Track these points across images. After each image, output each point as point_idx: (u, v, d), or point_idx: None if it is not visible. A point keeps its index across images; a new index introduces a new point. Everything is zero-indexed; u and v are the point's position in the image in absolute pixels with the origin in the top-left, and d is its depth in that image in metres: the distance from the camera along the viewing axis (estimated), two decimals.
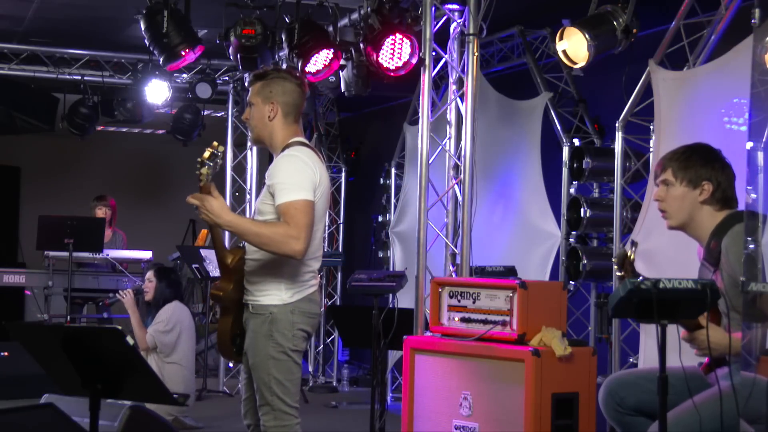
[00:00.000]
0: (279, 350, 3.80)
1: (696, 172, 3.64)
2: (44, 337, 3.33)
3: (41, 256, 8.82)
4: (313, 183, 3.78)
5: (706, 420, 3.32)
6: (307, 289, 3.88)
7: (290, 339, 3.81)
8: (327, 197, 3.93)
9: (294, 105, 3.96)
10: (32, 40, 9.12)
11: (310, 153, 3.88)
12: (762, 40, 3.08)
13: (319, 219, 3.86)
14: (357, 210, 11.05)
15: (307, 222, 3.72)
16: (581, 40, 5.67)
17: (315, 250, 3.89)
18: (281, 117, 3.94)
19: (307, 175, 3.78)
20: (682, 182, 3.65)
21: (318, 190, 3.81)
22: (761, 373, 3.15)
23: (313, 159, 3.87)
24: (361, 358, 10.95)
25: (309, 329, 3.89)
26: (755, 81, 3.04)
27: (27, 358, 3.52)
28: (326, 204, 3.93)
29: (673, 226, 3.71)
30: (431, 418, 4.81)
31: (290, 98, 3.94)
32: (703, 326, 3.37)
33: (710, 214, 3.64)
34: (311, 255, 3.86)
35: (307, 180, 3.77)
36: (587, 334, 7.09)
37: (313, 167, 3.82)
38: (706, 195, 3.63)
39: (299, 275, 3.85)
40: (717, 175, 3.65)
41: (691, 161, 3.66)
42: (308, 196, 3.75)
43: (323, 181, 3.86)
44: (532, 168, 7.06)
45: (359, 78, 6.90)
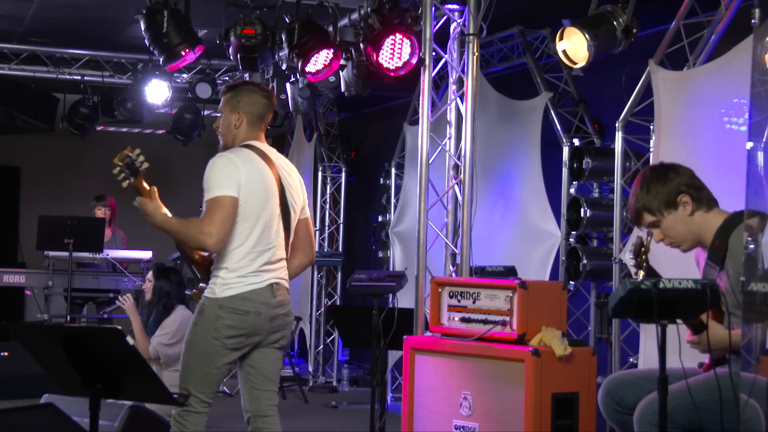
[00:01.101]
0: (197, 339, 3.99)
1: (664, 194, 3.65)
2: (44, 337, 3.33)
3: (41, 256, 8.81)
4: (236, 180, 3.97)
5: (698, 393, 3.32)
6: (244, 286, 3.99)
7: (210, 331, 3.97)
8: (266, 194, 4.06)
9: (259, 115, 4.21)
10: (32, 40, 9.12)
11: (244, 153, 4.08)
12: (762, 40, 3.07)
13: (251, 215, 4.01)
14: (357, 210, 11.05)
15: (221, 217, 3.92)
16: (581, 40, 5.67)
17: (255, 246, 4.02)
18: (245, 125, 4.19)
19: (226, 173, 3.97)
20: (664, 212, 3.66)
21: (246, 186, 3.98)
22: (761, 374, 3.15)
23: (246, 159, 4.06)
24: (361, 358, 10.95)
25: (239, 325, 3.98)
26: (755, 81, 3.04)
27: (27, 358, 3.51)
28: (264, 200, 4.05)
29: (688, 248, 3.73)
30: (431, 418, 4.81)
31: (255, 108, 4.20)
32: (705, 325, 3.38)
33: (705, 218, 3.65)
34: (252, 250, 4.01)
35: (227, 177, 3.96)
36: (587, 334, 7.09)
37: (240, 165, 4.00)
38: (690, 205, 3.65)
39: (232, 272, 4.00)
40: (681, 183, 3.67)
41: (653, 189, 3.67)
42: (225, 192, 3.94)
43: (255, 179, 4.02)
44: (532, 168, 7.05)
45: (359, 78, 6.90)
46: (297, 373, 9.57)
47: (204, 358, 4.00)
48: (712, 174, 5.07)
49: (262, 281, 4.03)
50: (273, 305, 4.05)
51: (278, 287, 4.09)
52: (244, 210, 4.00)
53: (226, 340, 3.99)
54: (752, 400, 3.28)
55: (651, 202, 3.66)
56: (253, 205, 4.02)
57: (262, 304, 4.02)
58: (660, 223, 3.68)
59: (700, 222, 3.65)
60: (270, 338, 4.11)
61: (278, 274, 4.11)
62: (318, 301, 10.32)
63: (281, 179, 4.14)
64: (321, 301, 10.34)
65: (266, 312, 4.03)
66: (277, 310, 4.08)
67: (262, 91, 4.27)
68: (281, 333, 4.14)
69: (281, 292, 4.11)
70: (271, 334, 4.10)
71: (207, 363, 4.00)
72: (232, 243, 4.01)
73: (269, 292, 4.04)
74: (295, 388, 9.23)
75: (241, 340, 4.02)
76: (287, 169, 4.24)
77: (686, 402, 3.33)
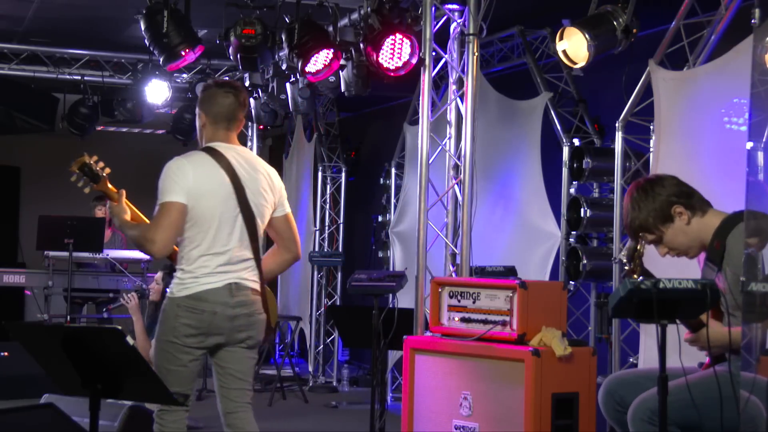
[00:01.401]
0: (160, 338, 4.11)
1: (657, 210, 3.65)
2: (44, 337, 3.32)
3: (41, 256, 8.82)
4: (184, 185, 4.03)
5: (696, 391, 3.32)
6: (199, 286, 4.06)
7: (170, 330, 4.05)
8: (219, 197, 4.10)
9: (223, 114, 4.21)
10: (32, 40, 9.12)
11: (196, 157, 4.14)
12: (762, 40, 3.08)
13: (204, 218, 4.07)
14: (357, 210, 11.04)
15: (166, 223, 4.01)
16: (581, 40, 5.67)
17: (210, 248, 4.08)
18: (209, 126, 4.23)
19: (175, 179, 4.04)
20: (661, 226, 3.65)
21: (196, 191, 4.04)
22: (761, 374, 3.15)
23: (198, 163, 4.10)
24: (361, 358, 10.95)
25: (196, 323, 4.04)
26: (755, 81, 3.04)
27: (27, 358, 3.51)
28: (217, 203, 4.09)
29: (695, 254, 3.72)
30: (431, 418, 4.81)
31: (217, 109, 4.21)
32: (704, 324, 3.38)
33: (703, 223, 3.65)
34: (207, 252, 4.07)
35: (175, 183, 4.04)
36: (587, 334, 7.09)
37: (189, 170, 4.06)
38: (685, 214, 3.65)
39: (189, 273, 4.08)
40: (670, 194, 3.66)
41: (644, 208, 3.66)
42: (172, 198, 4.02)
43: (205, 183, 4.07)
44: (532, 168, 7.05)
45: (359, 78, 6.90)
46: (297, 373, 9.57)
47: (169, 357, 4.09)
48: (712, 174, 5.09)
49: (218, 281, 4.08)
50: (231, 305, 4.09)
51: (238, 287, 4.12)
52: (195, 214, 4.06)
53: (185, 338, 4.06)
54: (754, 397, 3.28)
55: (646, 221, 3.66)
56: (205, 208, 4.07)
57: (219, 303, 4.07)
58: (662, 239, 3.68)
59: (699, 227, 3.65)
60: (235, 337, 4.14)
61: (240, 275, 4.14)
62: (318, 301, 10.31)
63: (239, 180, 4.15)
64: (321, 301, 10.34)
65: (223, 311, 4.07)
66: (237, 310, 4.11)
67: (225, 90, 4.26)
68: (247, 333, 4.16)
69: (243, 292, 4.13)
70: (236, 333, 4.13)
71: (172, 361, 4.08)
72: (188, 246, 4.10)
73: (227, 291, 4.09)
74: (295, 388, 9.23)
75: (201, 338, 4.08)
76: (250, 169, 4.22)
77: (683, 398, 3.33)
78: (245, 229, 4.17)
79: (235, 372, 4.21)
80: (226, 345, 4.16)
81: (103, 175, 4.37)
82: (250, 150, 9.49)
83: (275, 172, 4.37)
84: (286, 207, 4.36)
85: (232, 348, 4.17)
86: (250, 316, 4.17)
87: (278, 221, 4.33)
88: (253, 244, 4.20)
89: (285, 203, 4.36)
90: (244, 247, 4.17)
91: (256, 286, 4.22)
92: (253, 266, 4.21)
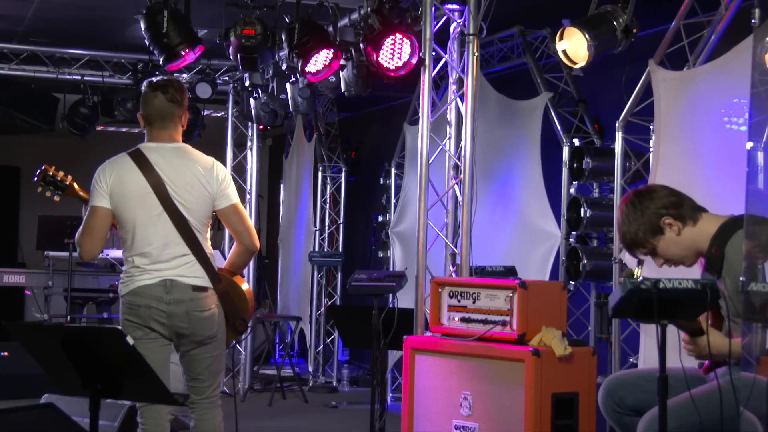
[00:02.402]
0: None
1: (646, 224, 3.65)
2: (44, 337, 3.32)
3: (41, 256, 8.82)
4: (101, 189, 4.21)
5: (703, 410, 3.32)
6: (134, 283, 4.19)
7: (123, 328, 4.15)
8: (136, 197, 4.20)
9: (153, 114, 4.34)
10: (32, 40, 9.11)
11: (117, 160, 4.29)
12: (762, 40, 3.07)
13: (127, 219, 4.20)
14: (357, 210, 11.04)
15: (88, 227, 4.21)
16: (581, 40, 5.67)
17: (135, 248, 4.21)
18: (147, 127, 4.38)
19: (94, 185, 4.24)
20: (653, 240, 3.66)
21: (115, 193, 4.20)
22: (761, 374, 3.15)
23: (117, 165, 4.25)
24: (361, 358, 10.95)
25: (136, 319, 4.18)
26: (755, 81, 3.03)
27: (27, 358, 3.51)
28: (135, 203, 4.20)
29: (692, 262, 3.72)
30: (431, 418, 4.81)
31: (149, 109, 4.35)
32: (703, 331, 3.37)
33: (695, 231, 3.64)
34: (134, 252, 4.20)
35: (93, 189, 4.23)
36: (587, 334, 7.09)
37: (108, 174, 4.23)
38: (675, 225, 3.64)
39: (125, 272, 4.25)
40: (658, 206, 3.66)
41: (633, 222, 3.67)
42: (92, 203, 4.23)
43: (122, 185, 4.20)
44: (532, 168, 7.05)
45: (359, 78, 6.90)
46: (297, 373, 9.58)
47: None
48: (712, 174, 5.10)
49: (151, 278, 4.19)
50: (166, 301, 4.16)
51: (173, 284, 4.18)
52: (118, 216, 4.23)
53: (133, 332, 4.16)
54: (746, 412, 3.29)
55: (637, 235, 3.67)
56: (124, 210, 4.21)
57: (153, 298, 4.17)
58: (655, 251, 3.68)
59: (691, 237, 3.64)
60: (178, 333, 4.22)
61: (176, 272, 4.19)
62: (318, 301, 10.32)
63: (159, 179, 4.20)
64: (321, 301, 10.34)
65: (158, 306, 4.16)
66: (173, 307, 4.17)
67: (153, 90, 4.35)
68: (188, 329, 4.21)
69: (179, 289, 4.17)
70: (177, 329, 4.20)
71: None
72: (123, 246, 4.28)
73: (161, 288, 4.17)
74: (295, 388, 9.23)
75: (146, 331, 4.19)
76: (176, 166, 4.26)
77: (692, 422, 3.34)
78: (172, 226, 4.20)
79: (190, 371, 4.34)
80: (181, 344, 4.26)
81: (67, 183, 4.61)
82: (249, 151, 9.55)
83: (216, 164, 4.35)
84: (231, 198, 4.33)
85: (184, 347, 4.28)
86: (189, 313, 4.19)
87: (223, 213, 4.33)
88: (189, 241, 4.21)
89: (230, 194, 4.33)
90: (175, 244, 4.20)
91: (199, 282, 4.22)
92: (193, 262, 4.22)
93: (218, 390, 4.43)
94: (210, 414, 4.35)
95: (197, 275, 4.21)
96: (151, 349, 4.13)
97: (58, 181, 4.59)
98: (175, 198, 4.20)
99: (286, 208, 10.80)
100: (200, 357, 4.28)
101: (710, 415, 3.33)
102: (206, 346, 4.27)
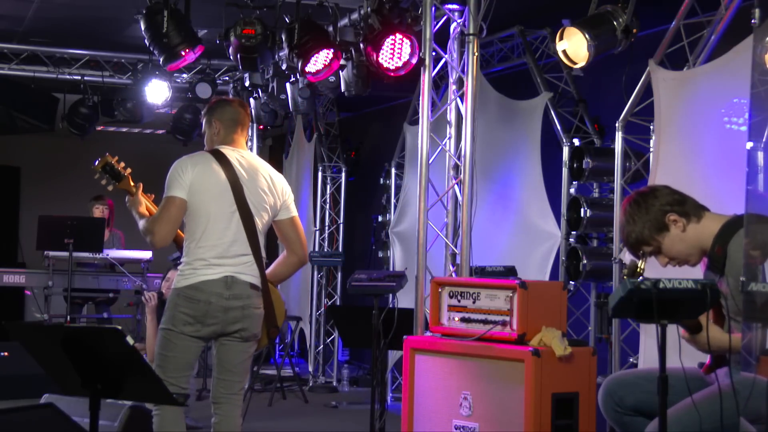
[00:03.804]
0: (161, 326, 4.39)
1: (651, 221, 3.65)
2: (44, 337, 3.32)
3: (41, 256, 8.82)
4: (181, 181, 4.35)
5: (705, 418, 3.32)
6: (197, 277, 4.31)
7: (170, 319, 4.33)
8: (215, 193, 4.36)
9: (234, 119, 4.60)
10: (32, 40, 9.12)
11: (199, 156, 4.46)
12: (762, 40, 3.07)
13: (201, 212, 4.33)
14: (357, 210, 11.04)
15: (165, 216, 4.33)
16: (581, 40, 5.66)
17: (204, 240, 4.33)
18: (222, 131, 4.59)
19: (175, 176, 4.37)
20: (658, 236, 3.65)
21: (194, 186, 4.34)
22: (761, 374, 3.15)
23: (199, 160, 4.42)
24: (361, 358, 10.95)
25: (192, 312, 4.29)
26: (755, 81, 3.03)
27: (27, 358, 3.52)
28: (212, 198, 4.35)
29: (697, 261, 3.71)
30: (431, 418, 4.80)
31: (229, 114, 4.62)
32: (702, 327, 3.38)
33: (699, 229, 3.63)
34: (202, 244, 4.32)
35: (174, 180, 4.37)
36: (587, 334, 7.09)
37: (190, 168, 4.37)
38: (680, 222, 3.64)
39: (188, 265, 4.36)
40: (663, 203, 3.66)
41: (638, 220, 3.66)
42: (170, 193, 4.34)
43: (203, 180, 4.35)
44: (532, 168, 7.05)
45: (359, 78, 6.90)
46: (297, 373, 9.57)
47: (166, 344, 4.33)
48: (712, 174, 5.09)
49: (214, 273, 4.32)
50: (226, 297, 4.31)
51: (234, 281, 4.34)
52: (192, 208, 4.35)
53: (183, 326, 4.29)
54: (744, 421, 3.29)
55: (642, 232, 3.65)
56: (200, 203, 4.35)
57: (214, 294, 4.30)
58: (660, 249, 3.67)
59: (696, 234, 3.64)
60: (229, 328, 4.35)
61: (237, 269, 4.36)
62: (318, 301, 10.32)
63: (237, 179, 4.40)
64: (321, 301, 10.34)
65: (218, 302, 4.30)
66: (232, 302, 4.33)
67: (231, 101, 4.71)
68: (240, 324, 4.37)
69: (239, 285, 4.35)
70: (229, 324, 4.35)
71: (170, 348, 4.32)
72: (188, 238, 4.38)
73: (223, 284, 4.32)
74: (295, 388, 9.23)
75: (197, 327, 4.30)
76: (251, 170, 4.48)
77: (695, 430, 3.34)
78: (242, 225, 4.37)
79: (225, 363, 4.43)
80: (222, 336, 4.37)
81: (125, 174, 4.63)
82: (251, 150, 9.56)
83: (281, 177, 4.61)
84: (291, 211, 4.58)
85: (227, 339, 4.39)
86: (244, 309, 4.37)
87: (283, 224, 4.57)
88: (252, 241, 4.40)
89: (291, 207, 4.58)
90: (241, 243, 4.38)
91: (255, 281, 4.41)
92: (252, 262, 4.41)
93: (243, 390, 4.58)
94: (235, 412, 4.46)
95: (254, 274, 4.41)
96: (192, 349, 4.34)
97: (118, 170, 4.64)
98: (249, 199, 4.41)
99: None
100: (241, 350, 4.44)
101: (712, 420, 3.33)
102: (248, 343, 4.44)
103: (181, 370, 4.35)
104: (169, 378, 4.27)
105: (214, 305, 4.29)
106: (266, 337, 4.56)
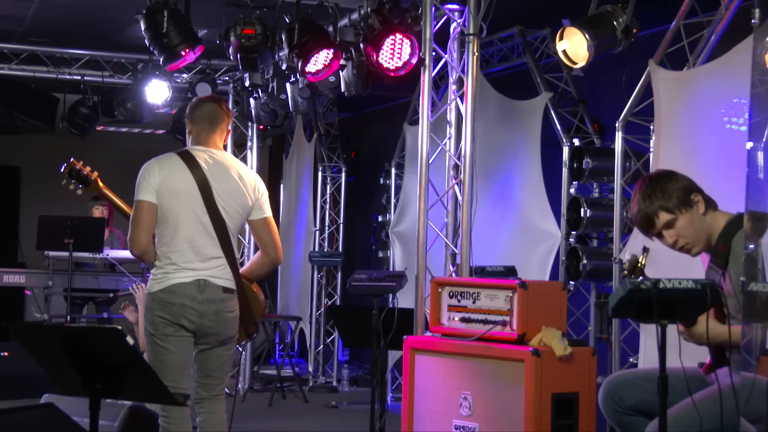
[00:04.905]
0: (146, 333, 4.37)
1: (681, 191, 3.63)
2: (44, 337, 3.32)
3: (41, 256, 8.81)
4: (147, 184, 4.30)
5: (706, 418, 3.32)
6: (169, 280, 4.27)
7: (150, 323, 4.30)
8: (182, 196, 4.30)
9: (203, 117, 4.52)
10: (32, 40, 9.12)
11: (165, 158, 4.40)
12: (762, 40, 3.07)
13: (169, 216, 4.29)
14: (357, 210, 11.04)
15: (134, 221, 4.30)
16: (581, 40, 5.66)
17: (174, 244, 4.30)
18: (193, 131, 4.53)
19: (140, 180, 4.33)
20: (680, 210, 3.62)
21: (161, 189, 4.29)
22: (761, 373, 3.15)
23: (166, 163, 4.36)
24: (361, 358, 10.95)
25: (168, 316, 4.26)
26: (755, 81, 3.03)
27: (27, 358, 3.52)
28: (179, 202, 4.30)
29: (699, 251, 3.69)
30: (431, 418, 4.80)
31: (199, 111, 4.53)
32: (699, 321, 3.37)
33: (714, 218, 3.64)
34: (173, 248, 4.28)
35: (140, 184, 4.32)
36: (587, 334, 7.09)
37: (157, 170, 4.32)
38: (702, 204, 3.64)
39: (160, 269, 4.32)
40: (689, 183, 3.66)
41: (668, 188, 3.63)
42: (138, 197, 4.31)
43: (169, 183, 4.29)
44: (532, 168, 7.05)
45: (359, 78, 6.90)
46: (297, 373, 9.58)
47: (155, 349, 4.31)
48: (712, 174, 5.09)
49: (186, 276, 4.28)
50: (199, 300, 4.28)
51: (206, 284, 4.30)
52: (162, 212, 4.31)
53: (164, 329, 4.27)
54: (744, 421, 3.29)
55: (668, 201, 3.61)
56: (169, 206, 4.30)
57: (187, 297, 4.26)
58: (675, 223, 3.63)
59: (711, 222, 3.63)
60: (205, 332, 4.33)
61: (209, 273, 4.32)
62: (318, 301, 10.32)
63: (206, 180, 4.33)
64: (321, 301, 10.34)
65: (191, 305, 4.27)
66: (204, 306, 4.29)
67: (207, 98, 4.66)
68: (215, 329, 4.34)
69: (211, 289, 4.31)
70: (205, 328, 4.32)
71: (160, 353, 4.30)
72: (159, 242, 4.33)
73: (195, 287, 4.28)
74: (295, 388, 9.23)
75: (176, 328, 4.27)
76: (222, 171, 4.40)
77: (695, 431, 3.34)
78: (212, 227, 4.32)
79: (205, 368, 4.43)
80: (202, 341, 4.35)
81: (92, 178, 4.67)
82: (249, 151, 9.55)
83: (255, 176, 4.53)
84: (265, 211, 4.51)
85: (204, 345, 4.37)
86: (218, 314, 4.33)
87: (256, 225, 4.51)
88: (223, 243, 4.35)
89: (264, 207, 4.51)
90: (212, 246, 4.34)
91: (228, 285, 4.37)
92: (224, 264, 4.36)
93: (225, 388, 4.57)
94: (219, 407, 4.47)
95: (227, 277, 4.36)
96: (182, 346, 4.29)
97: (84, 175, 4.66)
98: (219, 201, 4.35)
99: (286, 208, 10.80)
100: (218, 355, 4.42)
101: (713, 421, 3.32)
102: (225, 346, 4.42)
103: (179, 371, 4.32)
104: (169, 382, 4.20)
105: (188, 308, 4.26)
106: (244, 334, 4.54)
